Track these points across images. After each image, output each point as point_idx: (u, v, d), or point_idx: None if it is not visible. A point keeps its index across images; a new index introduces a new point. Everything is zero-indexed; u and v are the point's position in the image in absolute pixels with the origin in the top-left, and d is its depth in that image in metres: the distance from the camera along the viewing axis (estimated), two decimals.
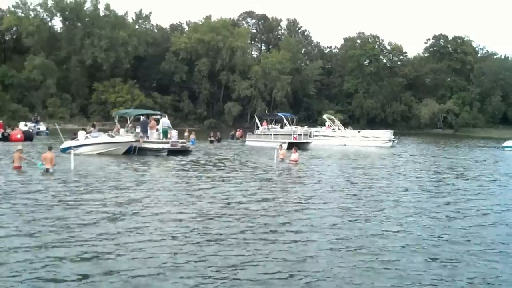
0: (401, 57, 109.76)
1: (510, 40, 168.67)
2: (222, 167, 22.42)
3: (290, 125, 42.50)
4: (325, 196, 14.88)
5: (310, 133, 41.84)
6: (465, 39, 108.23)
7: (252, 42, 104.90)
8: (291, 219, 11.43)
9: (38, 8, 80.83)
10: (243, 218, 11.44)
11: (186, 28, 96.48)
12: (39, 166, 18.44)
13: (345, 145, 41.88)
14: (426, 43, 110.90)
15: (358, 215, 12.12)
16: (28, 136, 36.26)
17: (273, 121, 44.07)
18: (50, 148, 19.13)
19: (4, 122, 45.60)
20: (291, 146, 29.60)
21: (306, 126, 46.27)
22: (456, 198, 15.40)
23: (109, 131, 29.42)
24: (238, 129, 51.33)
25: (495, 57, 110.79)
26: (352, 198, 14.72)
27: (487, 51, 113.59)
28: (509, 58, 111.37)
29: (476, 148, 47.78)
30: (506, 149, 43.79)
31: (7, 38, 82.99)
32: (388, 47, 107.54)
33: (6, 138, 34.65)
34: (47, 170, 17.94)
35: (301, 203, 13.65)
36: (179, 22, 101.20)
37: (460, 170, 24.66)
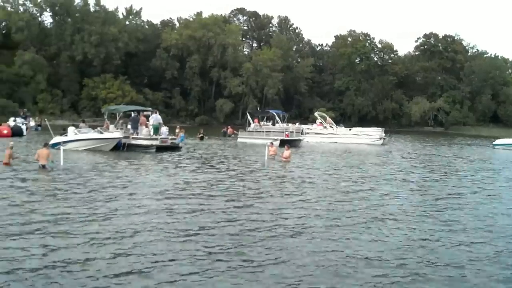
0: (392, 55, 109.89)
1: (499, 39, 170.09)
2: (211, 164, 22.30)
3: (281, 122, 42.43)
4: (311, 193, 14.86)
5: (302, 131, 41.82)
6: (456, 38, 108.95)
7: (244, 39, 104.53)
8: (272, 213, 11.57)
9: (28, 3, 79.94)
10: (228, 212, 11.50)
11: (177, 25, 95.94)
12: (50, 164, 18.23)
13: (336, 142, 41.89)
14: (416, 41, 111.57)
15: (340, 211, 12.15)
16: (16, 132, 35.82)
17: (265, 118, 43.96)
18: (45, 145, 18.99)
19: None
20: (283, 143, 29.52)
21: (297, 123, 46.15)
22: (438, 195, 15.45)
23: (98, 127, 29.19)
24: (229, 126, 51.17)
25: (485, 56, 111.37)
26: (338, 194, 14.75)
27: (477, 50, 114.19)
28: (499, 57, 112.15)
29: (466, 146, 48.01)
30: (496, 147, 43.97)
31: None
32: (379, 45, 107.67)
33: None
34: (42, 166, 17.72)
35: (286, 199, 13.74)
36: (170, 18, 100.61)
37: (448, 167, 24.74)
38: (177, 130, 40.22)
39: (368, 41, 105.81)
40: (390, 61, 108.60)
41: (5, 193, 12.89)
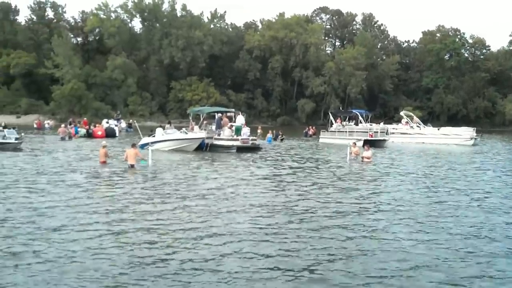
0: (484, 50, 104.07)
1: None
2: (292, 164, 22.25)
3: (365, 122, 41.46)
4: (391, 194, 14.33)
5: (387, 131, 40.60)
6: None
7: (326, 38, 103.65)
8: (358, 216, 11.19)
9: (119, 10, 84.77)
10: (311, 213, 11.37)
11: (260, 26, 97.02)
12: (142, 163, 19.24)
13: (423, 143, 40.25)
14: (511, 36, 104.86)
15: (421, 214, 11.53)
16: (109, 133, 38.06)
17: (347, 118, 43.16)
18: (133, 145, 19.89)
19: (88, 120, 48.23)
20: (367, 143, 28.82)
21: (382, 123, 44.79)
22: None
23: (183, 128, 30.20)
24: (311, 127, 50.87)
25: None
26: (420, 197, 14.02)
27: None
28: None
29: None
30: None
31: (91, 39, 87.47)
32: (470, 41, 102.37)
33: (90, 135, 36.70)
34: (131, 166, 18.53)
35: (366, 199, 13.37)
36: (253, 20, 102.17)
37: None
38: (259, 131, 40.65)
39: (458, 36, 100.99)
40: (482, 57, 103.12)
41: (101, 191, 13.68)
